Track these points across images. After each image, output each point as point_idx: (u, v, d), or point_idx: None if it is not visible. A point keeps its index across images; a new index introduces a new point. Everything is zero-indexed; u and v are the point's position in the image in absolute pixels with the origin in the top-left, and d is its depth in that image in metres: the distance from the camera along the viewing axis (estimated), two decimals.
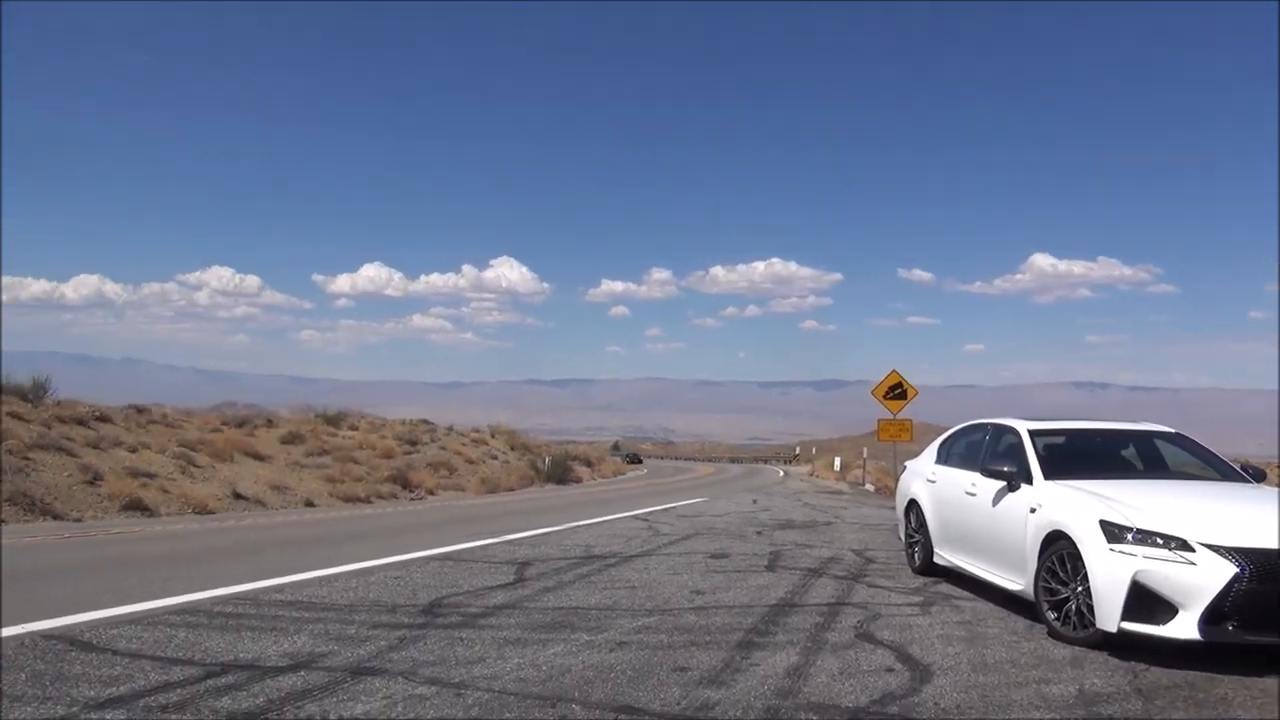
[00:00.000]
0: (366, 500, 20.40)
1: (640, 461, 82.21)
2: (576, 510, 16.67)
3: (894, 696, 4.64)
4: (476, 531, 11.95)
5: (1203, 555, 5.31)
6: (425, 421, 38.36)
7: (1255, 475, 7.06)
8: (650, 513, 15.67)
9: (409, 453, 28.99)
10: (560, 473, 34.24)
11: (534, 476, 32.12)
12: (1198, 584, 5.23)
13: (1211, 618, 5.18)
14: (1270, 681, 5.00)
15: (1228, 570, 5.20)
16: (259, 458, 21.94)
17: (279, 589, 7.23)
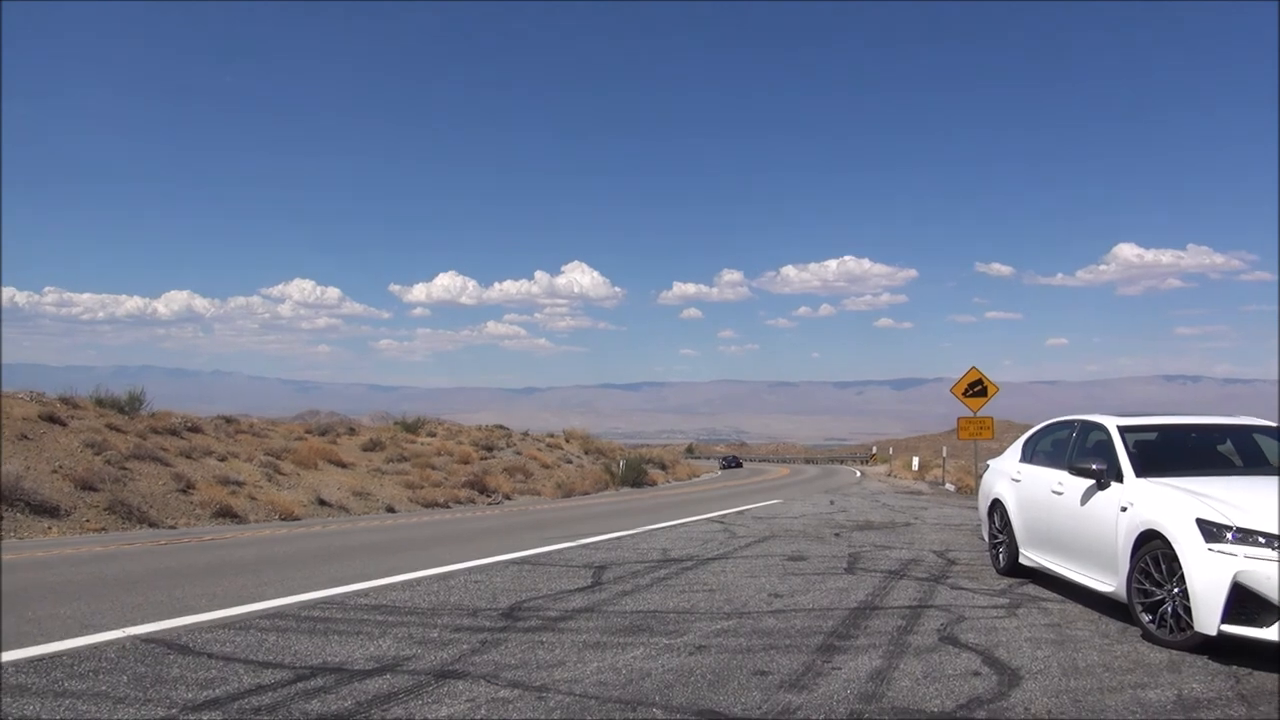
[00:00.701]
0: (445, 505, 20.73)
1: (740, 465, 76.00)
2: (651, 513, 16.69)
3: (981, 701, 4.53)
4: (553, 535, 12.05)
5: None
6: (501, 427, 38.88)
7: None
8: (725, 515, 15.60)
9: (485, 458, 29.40)
10: (635, 476, 34.33)
11: (609, 480, 32.26)
12: None
13: None
14: None
15: None
16: (341, 465, 22.48)
17: (363, 593, 7.38)
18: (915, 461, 44.55)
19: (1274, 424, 7.40)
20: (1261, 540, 5.22)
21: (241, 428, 23.88)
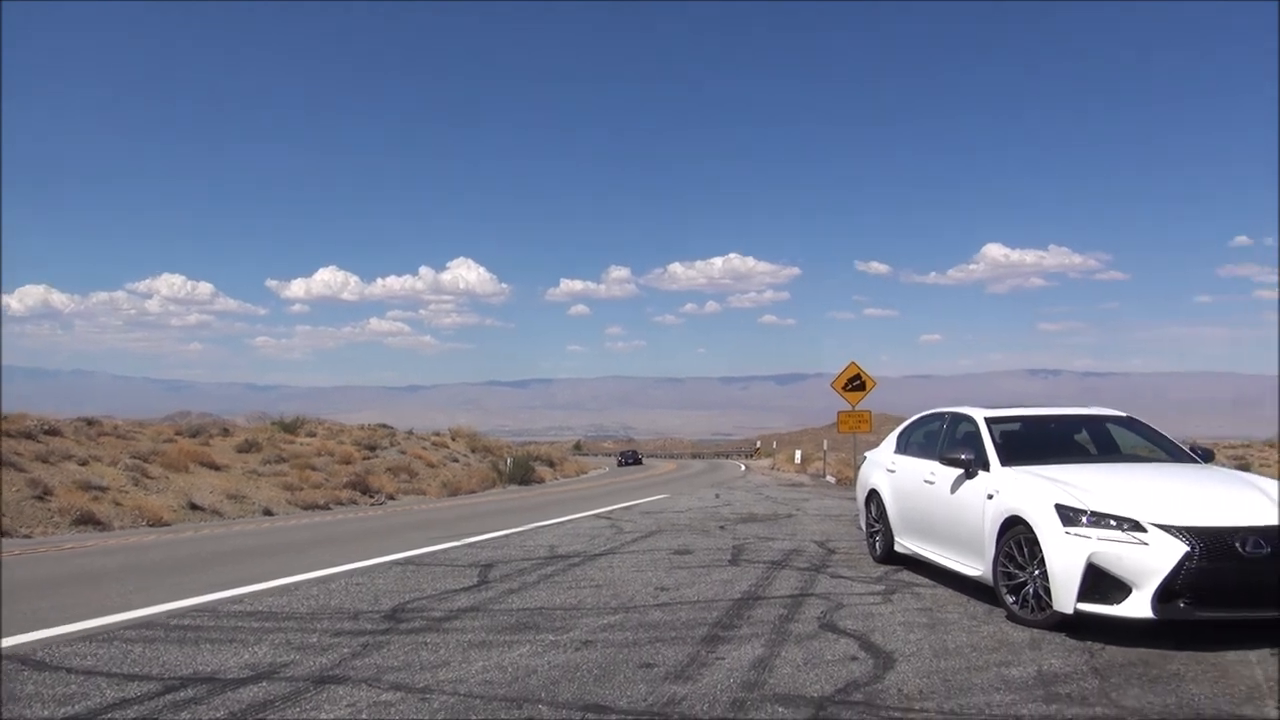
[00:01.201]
0: (326, 507, 20.16)
1: (641, 461, 72.82)
2: (539, 511, 16.63)
3: (858, 684, 4.69)
4: (438, 535, 11.87)
5: (1154, 535, 5.43)
6: (384, 426, 38.02)
7: (1204, 456, 7.22)
8: (613, 511, 15.67)
9: (368, 458, 28.72)
10: (522, 474, 34.11)
11: (496, 478, 31.96)
12: (1150, 564, 5.34)
13: (1164, 596, 5.30)
14: (1220, 656, 5.13)
15: (1179, 549, 5.32)
16: (215, 467, 21.59)
17: (238, 600, 7.12)
18: (798, 455, 45.68)
19: (1124, 414, 7.89)
20: (1113, 523, 5.57)
21: (105, 430, 22.64)
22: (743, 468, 52.26)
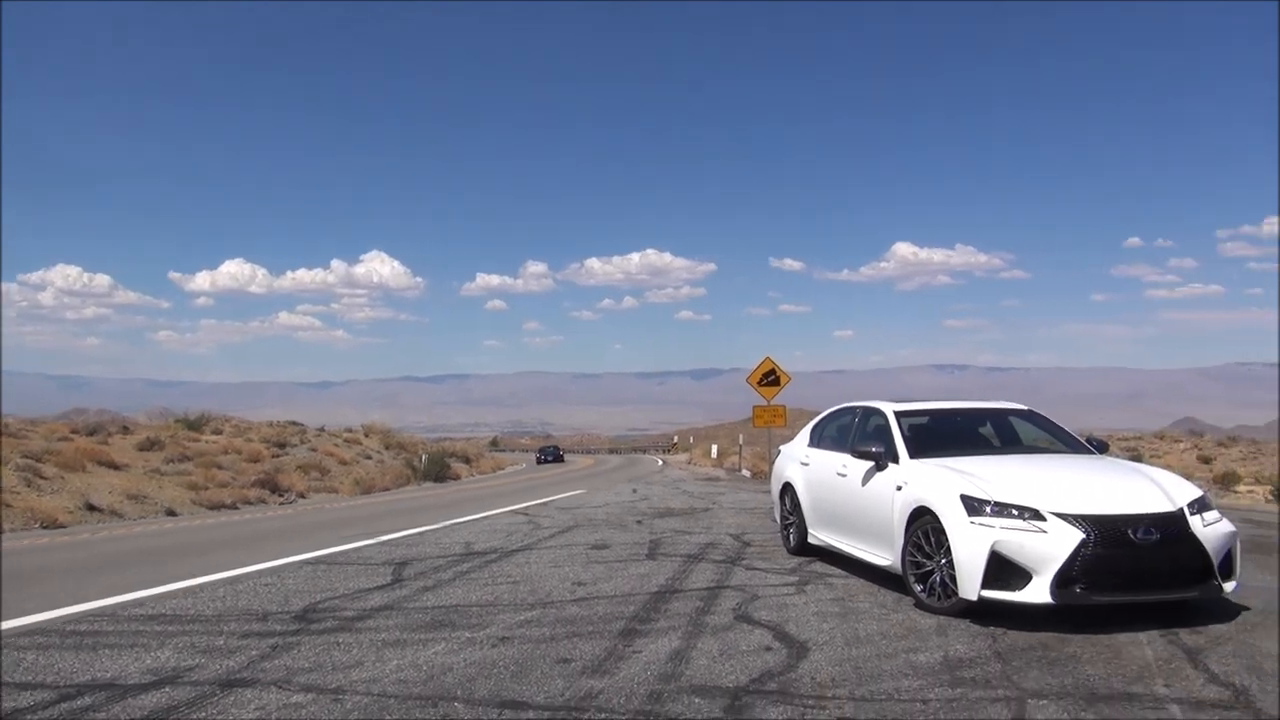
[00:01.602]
0: (233, 506, 19.58)
1: (563, 459, 67.44)
2: (455, 508, 16.45)
3: (772, 674, 4.77)
4: (351, 534, 11.64)
5: (1053, 524, 5.65)
6: (294, 423, 37.11)
7: (1099, 447, 7.54)
8: (530, 507, 15.59)
9: (278, 455, 28.00)
10: (437, 470, 33.69)
11: (410, 475, 31.49)
12: (1049, 551, 5.56)
13: (1061, 581, 5.53)
14: (1114, 638, 5.37)
15: (1075, 536, 5.56)
16: (114, 467, 20.77)
17: (139, 603, 6.87)
18: (714, 449, 46.15)
19: (1025, 408, 8.19)
20: (1014, 512, 5.78)
21: None
22: (660, 463, 52.58)
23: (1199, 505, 5.94)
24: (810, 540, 8.44)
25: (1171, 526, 5.70)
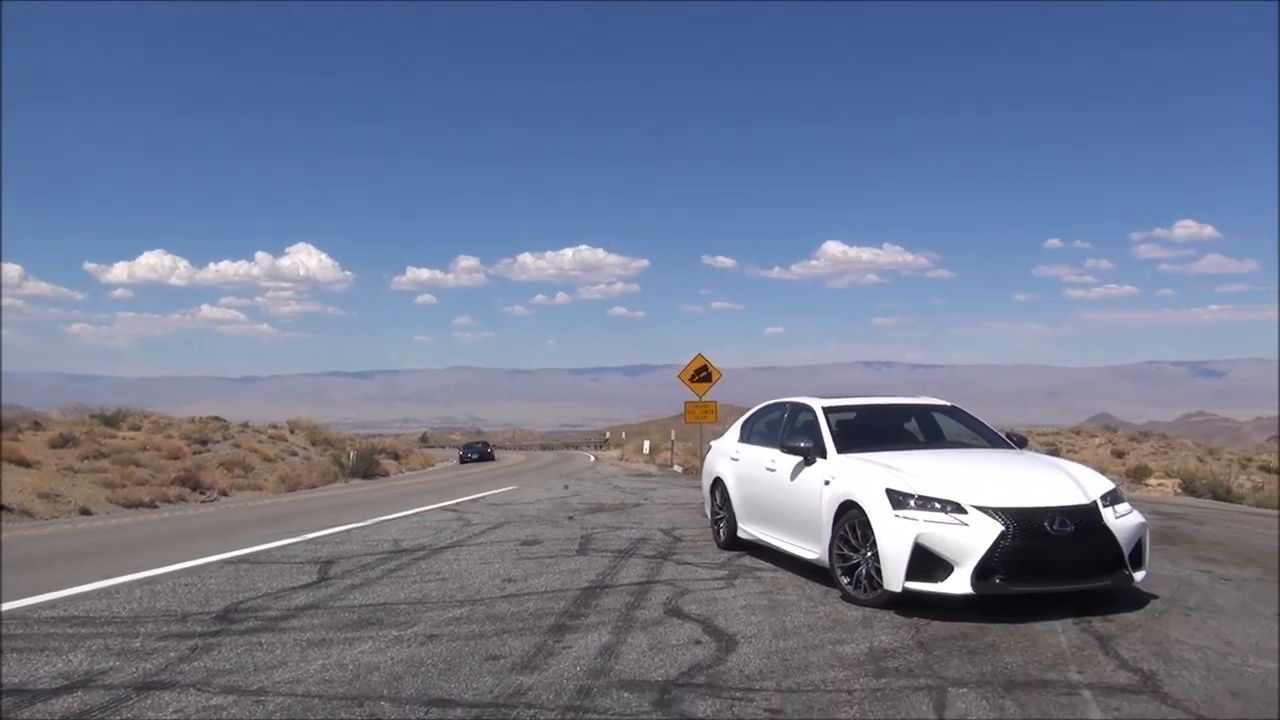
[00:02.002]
0: (152, 505, 19.01)
1: (493, 456, 60.70)
2: (383, 505, 16.21)
3: (701, 667, 4.80)
4: (276, 532, 11.39)
5: (974, 516, 5.80)
6: (217, 419, 36.16)
7: (1018, 441, 7.76)
8: (460, 503, 15.45)
9: (199, 452, 27.28)
10: (366, 467, 33.15)
11: (338, 472, 30.94)
12: (970, 543, 5.71)
13: (982, 573, 5.68)
14: (1030, 627, 5.54)
15: (995, 529, 5.71)
16: (25, 464, 20.00)
17: (50, 605, 6.63)
18: (646, 445, 46.30)
19: (949, 404, 8.39)
20: (937, 506, 5.91)
21: None
22: (592, 459, 52.56)
23: (1111, 498, 6.16)
24: (740, 534, 8.52)
25: (1085, 518, 5.89)
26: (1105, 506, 6.04)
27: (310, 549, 9.48)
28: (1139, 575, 6.14)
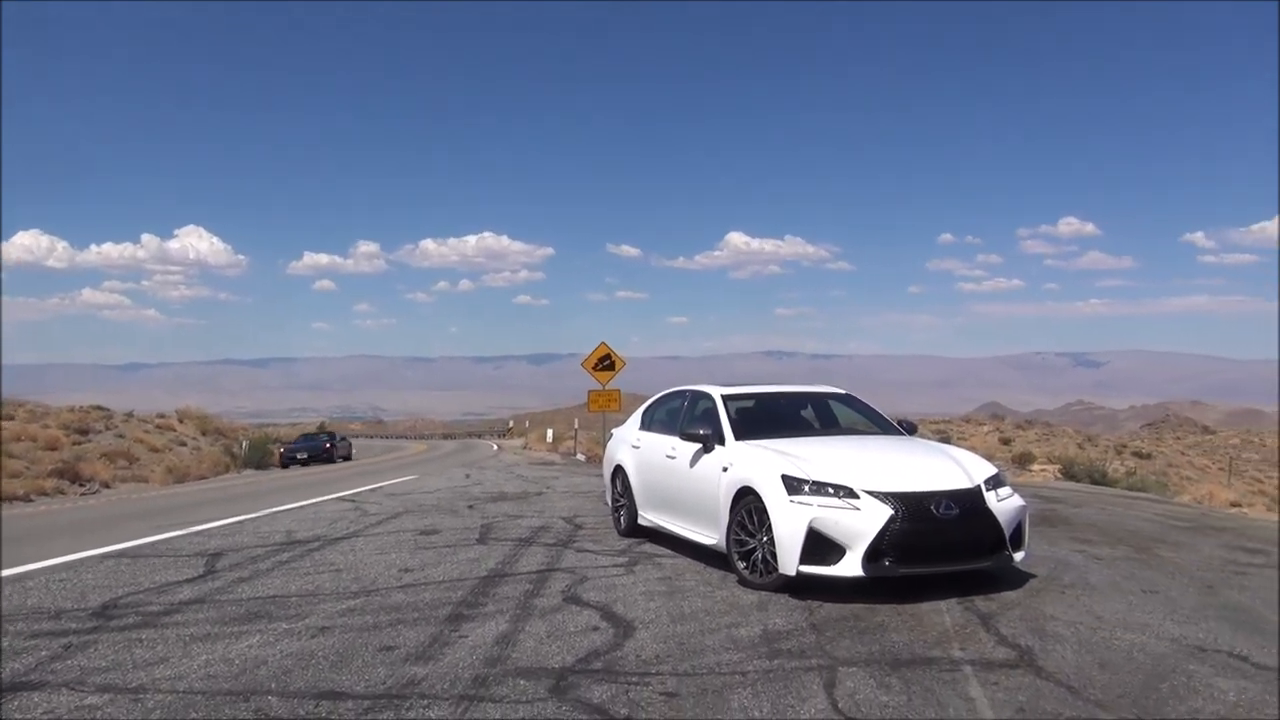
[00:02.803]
0: (26, 498, 18.05)
1: (347, 456, 46.02)
2: (276, 495, 15.76)
3: (598, 653, 4.82)
4: (161, 524, 10.95)
5: (865, 501, 5.96)
6: (99, 408, 34.49)
7: (909, 428, 8.00)
8: (357, 493, 15.12)
9: (79, 443, 26.00)
10: (260, 457, 32.16)
11: (230, 463, 29.92)
12: (861, 527, 5.87)
13: (872, 555, 5.85)
14: (918, 607, 5.73)
15: (885, 513, 5.88)
16: None
17: None
18: (549, 434, 46.09)
19: (844, 392, 8.59)
20: (831, 491, 6.06)
21: None
22: (495, 447, 52.09)
23: (994, 482, 6.41)
24: (640, 522, 8.57)
25: (969, 502, 6.12)
26: (988, 490, 6.28)
27: (197, 541, 9.14)
28: (1019, 556, 6.42)
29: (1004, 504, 6.29)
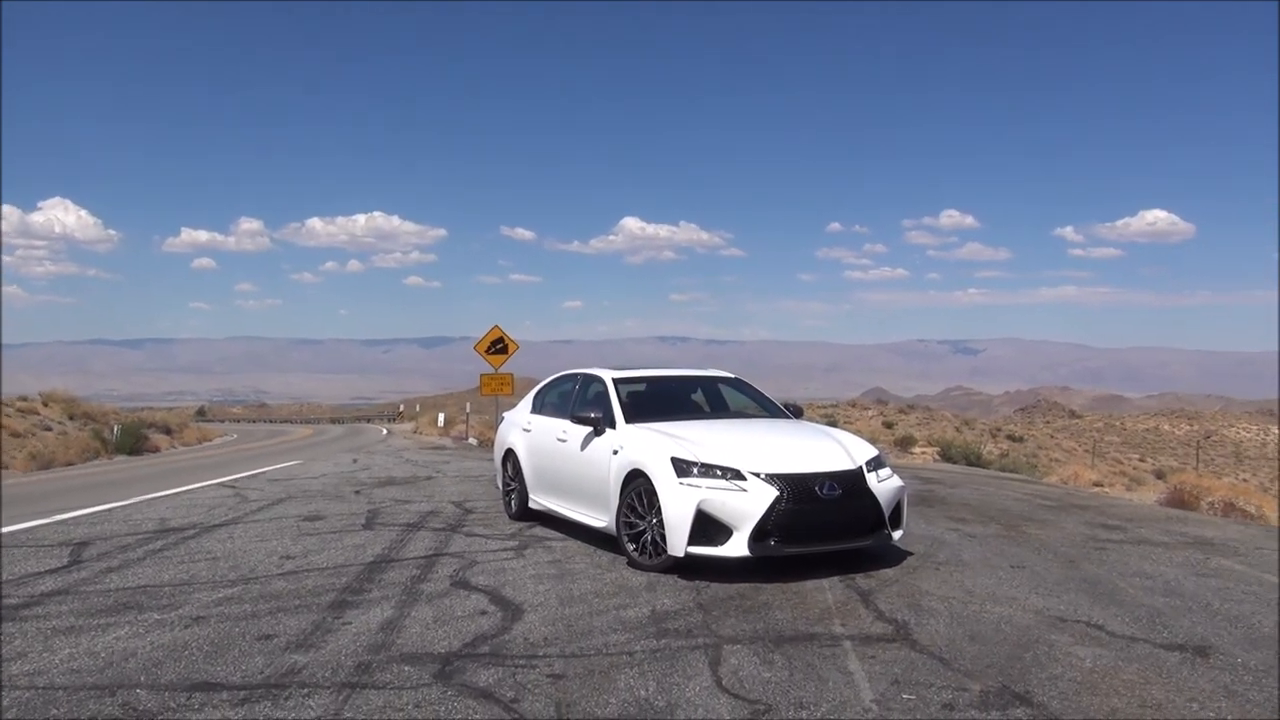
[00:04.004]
0: None
1: None
2: (151, 482, 15.08)
3: (486, 637, 4.79)
4: (21, 513, 10.33)
5: (752, 483, 6.08)
6: None
7: (795, 412, 8.19)
8: (238, 479, 14.60)
9: None
10: (133, 443, 30.70)
11: (100, 448, 28.48)
12: (748, 508, 5.99)
13: (758, 535, 5.97)
14: (801, 585, 5.88)
15: (770, 494, 6.01)
16: None
17: None
18: (441, 418, 45.44)
19: (733, 376, 8.73)
20: (719, 473, 6.16)
21: None
22: (384, 432, 51.06)
23: (875, 463, 6.62)
24: (531, 505, 8.54)
25: (851, 483, 6.31)
26: (869, 471, 6.49)
27: (62, 530, 8.67)
28: (897, 534, 6.66)
29: (884, 485, 6.51)
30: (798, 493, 6.08)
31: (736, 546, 5.98)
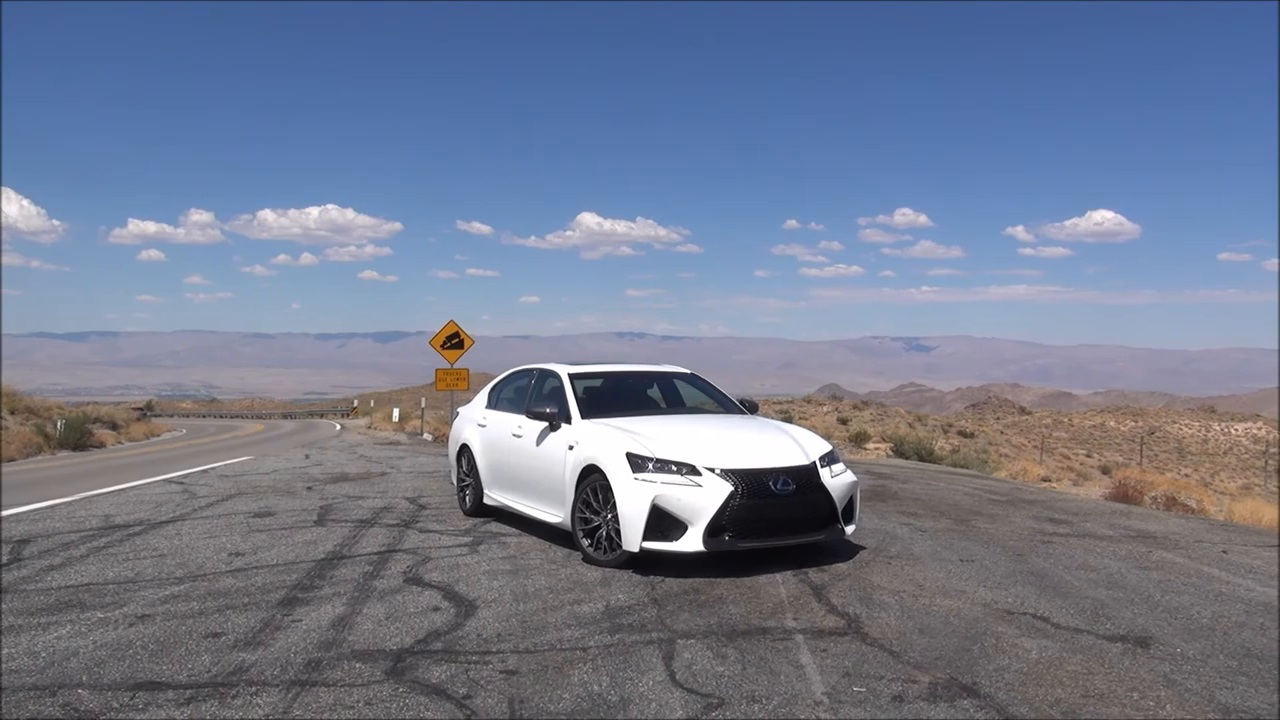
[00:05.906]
0: None
1: None
2: (96, 478, 14.76)
3: (439, 633, 4.76)
4: None
5: (707, 478, 6.10)
6: None
7: (750, 408, 8.23)
8: (187, 475, 14.33)
9: None
10: (77, 438, 29.99)
11: (42, 444, 27.80)
12: (702, 503, 6.01)
13: (713, 530, 6.00)
14: (755, 580, 5.92)
15: (725, 489, 6.04)
16: None
17: None
18: (395, 413, 45.01)
19: (688, 371, 8.76)
20: (674, 468, 6.17)
21: None
22: (338, 427, 50.47)
23: (828, 459, 6.68)
24: (486, 501, 8.50)
25: (805, 478, 6.36)
26: (823, 467, 6.54)
27: (1, 528, 8.45)
28: (850, 529, 6.72)
29: (837, 480, 6.57)
30: (752, 488, 6.11)
31: (691, 541, 6.00)
